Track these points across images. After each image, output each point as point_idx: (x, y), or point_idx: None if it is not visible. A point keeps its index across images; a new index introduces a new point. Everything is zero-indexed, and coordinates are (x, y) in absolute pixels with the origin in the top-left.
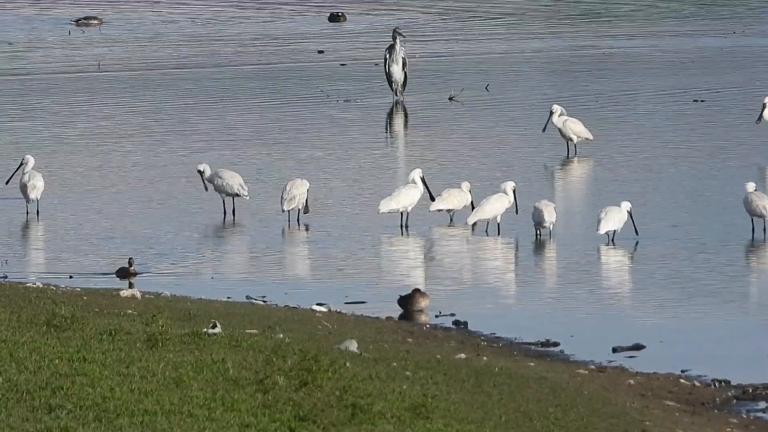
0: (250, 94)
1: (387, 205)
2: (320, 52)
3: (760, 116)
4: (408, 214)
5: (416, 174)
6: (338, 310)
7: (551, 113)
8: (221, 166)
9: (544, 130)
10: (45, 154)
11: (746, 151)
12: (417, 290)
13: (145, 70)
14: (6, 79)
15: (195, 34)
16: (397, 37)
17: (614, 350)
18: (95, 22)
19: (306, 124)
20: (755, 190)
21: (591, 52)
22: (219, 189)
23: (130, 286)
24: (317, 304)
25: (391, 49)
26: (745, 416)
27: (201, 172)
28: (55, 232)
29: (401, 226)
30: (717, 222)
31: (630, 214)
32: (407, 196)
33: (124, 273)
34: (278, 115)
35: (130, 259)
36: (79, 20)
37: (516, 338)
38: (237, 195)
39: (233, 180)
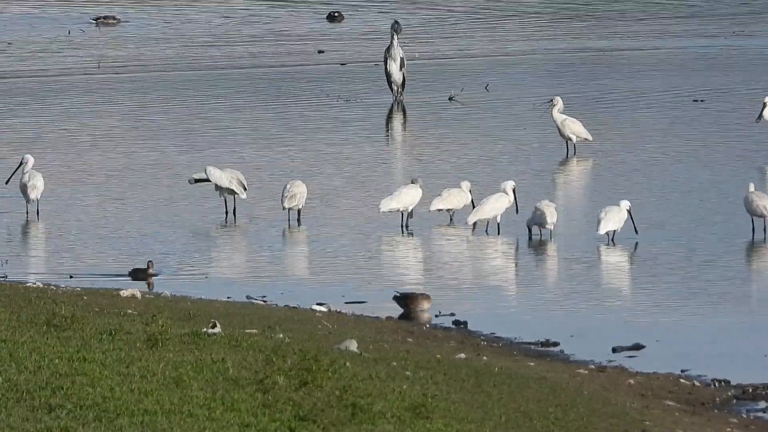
0: (251, 94)
1: (388, 205)
2: (320, 52)
3: (760, 115)
4: (409, 213)
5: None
6: (338, 310)
7: (552, 104)
8: (222, 166)
9: (533, 107)
10: (45, 154)
11: (746, 151)
12: (420, 292)
13: (146, 70)
14: (8, 78)
15: (196, 35)
16: (395, 33)
17: (614, 350)
18: (113, 21)
19: (306, 124)
20: (755, 190)
21: (591, 52)
22: (216, 187)
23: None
24: (317, 304)
25: (389, 48)
26: (745, 416)
27: (198, 180)
28: (55, 232)
29: (401, 226)
30: (717, 222)
31: (629, 212)
32: (408, 196)
33: (140, 274)
34: (278, 115)
35: (149, 261)
36: (97, 19)
37: (516, 338)
38: (232, 191)
39: (226, 174)
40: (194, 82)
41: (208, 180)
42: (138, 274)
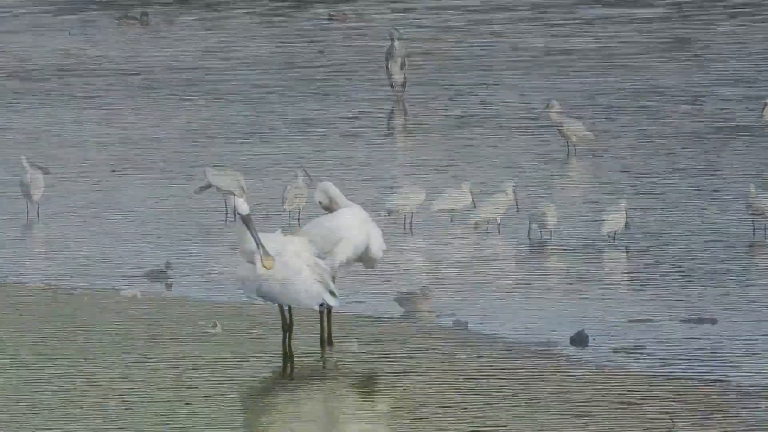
0: (250, 94)
1: (391, 204)
2: (320, 52)
3: (761, 115)
4: (411, 213)
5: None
6: (338, 310)
7: (548, 106)
8: (222, 166)
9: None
10: (46, 154)
11: (746, 152)
12: (420, 292)
13: (147, 71)
14: (8, 79)
15: (199, 36)
16: (395, 38)
17: (614, 350)
18: (134, 21)
19: (305, 125)
20: (755, 191)
21: (591, 52)
22: (218, 188)
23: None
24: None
25: (390, 49)
26: (745, 416)
27: (203, 188)
28: (56, 233)
29: (403, 226)
30: (717, 223)
31: (625, 211)
32: (412, 196)
33: (158, 276)
34: (278, 116)
35: (167, 262)
36: (120, 18)
37: (516, 338)
38: (231, 192)
39: (225, 177)
40: (194, 83)
41: (210, 186)
42: (156, 276)
